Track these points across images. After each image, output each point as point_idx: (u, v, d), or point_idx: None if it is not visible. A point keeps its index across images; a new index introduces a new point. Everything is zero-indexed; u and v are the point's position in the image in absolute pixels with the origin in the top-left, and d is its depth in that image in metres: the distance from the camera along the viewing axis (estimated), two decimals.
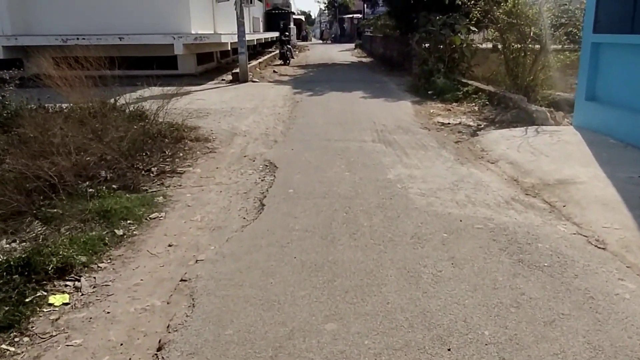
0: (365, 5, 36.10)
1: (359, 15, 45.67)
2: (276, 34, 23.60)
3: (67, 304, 2.67)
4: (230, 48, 16.02)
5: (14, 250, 3.16)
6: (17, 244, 3.27)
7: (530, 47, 8.80)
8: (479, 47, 11.70)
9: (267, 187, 4.52)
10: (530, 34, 8.78)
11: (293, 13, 40.86)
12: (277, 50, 21.94)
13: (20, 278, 2.74)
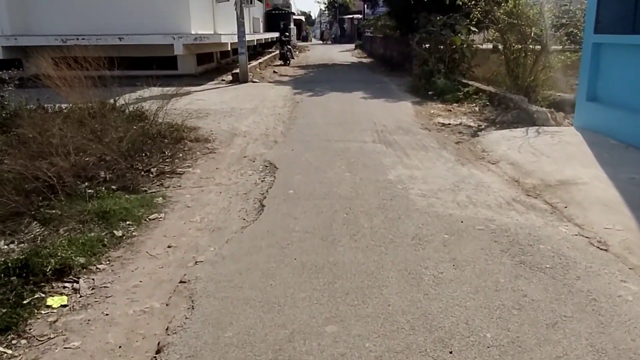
0: (365, 5, 36.06)
1: (359, 15, 45.67)
2: (276, 35, 23.60)
3: (66, 306, 2.64)
4: (230, 48, 16.01)
5: (12, 251, 3.14)
6: (15, 245, 3.25)
7: (531, 48, 8.79)
8: (480, 48, 11.69)
9: (267, 188, 4.50)
10: (531, 35, 8.77)
11: (293, 13, 40.84)
12: (277, 50, 21.92)
13: (18, 280, 2.72)
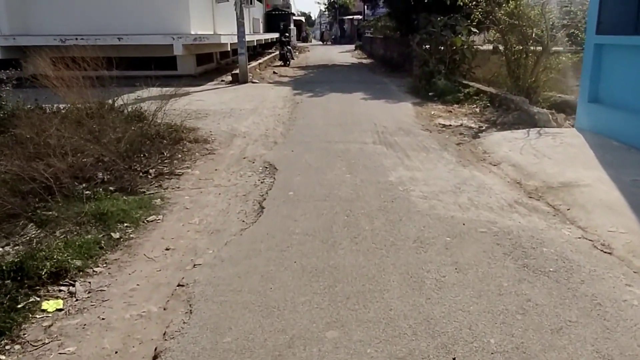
0: (365, 6, 36.01)
1: (359, 16, 45.61)
2: (276, 35, 23.59)
3: (61, 310, 2.60)
4: (230, 49, 15.98)
5: (7, 254, 3.09)
6: (11, 248, 3.20)
7: (532, 49, 8.76)
8: (480, 49, 11.65)
9: (267, 190, 4.46)
10: (532, 36, 8.74)
11: (293, 14, 40.79)
12: (277, 51, 21.87)
13: (12, 283, 2.67)
